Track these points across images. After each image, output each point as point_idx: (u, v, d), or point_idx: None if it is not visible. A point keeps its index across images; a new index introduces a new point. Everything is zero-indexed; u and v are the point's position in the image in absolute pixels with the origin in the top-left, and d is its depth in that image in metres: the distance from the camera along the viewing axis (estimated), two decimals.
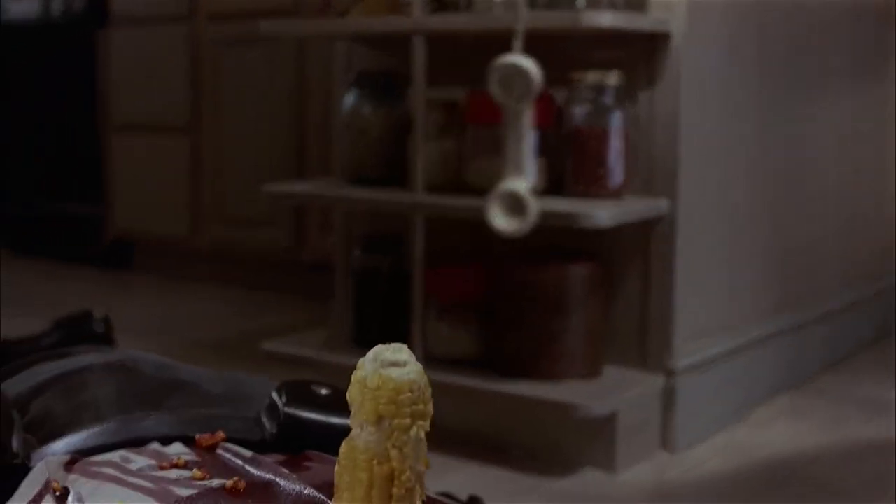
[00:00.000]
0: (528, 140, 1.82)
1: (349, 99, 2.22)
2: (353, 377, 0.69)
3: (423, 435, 0.69)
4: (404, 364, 0.69)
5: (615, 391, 1.96)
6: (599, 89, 1.97)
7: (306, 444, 1.00)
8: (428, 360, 2.07)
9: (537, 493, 1.87)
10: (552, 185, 2.01)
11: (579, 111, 1.98)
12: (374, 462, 0.68)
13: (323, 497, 0.76)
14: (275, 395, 1.10)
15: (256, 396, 1.14)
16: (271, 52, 3.29)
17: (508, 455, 2.02)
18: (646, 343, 2.04)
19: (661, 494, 1.91)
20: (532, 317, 1.98)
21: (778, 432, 2.20)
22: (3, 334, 1.52)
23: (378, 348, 0.69)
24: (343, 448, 0.70)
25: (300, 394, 1.10)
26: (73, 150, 3.96)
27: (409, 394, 0.68)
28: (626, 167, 1.98)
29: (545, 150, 1.98)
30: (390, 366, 0.69)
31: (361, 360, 0.69)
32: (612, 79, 1.96)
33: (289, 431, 1.07)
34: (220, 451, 0.97)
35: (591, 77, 1.96)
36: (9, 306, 2.77)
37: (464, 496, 1.41)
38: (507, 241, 2.00)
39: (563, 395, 1.92)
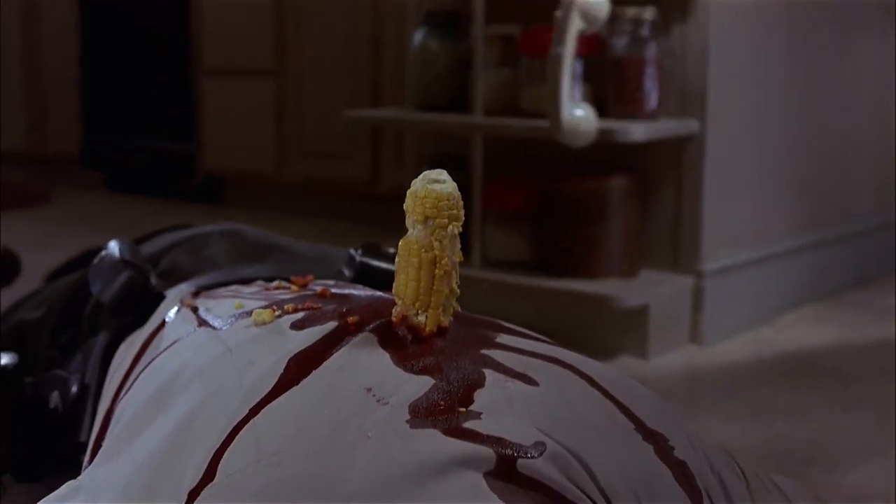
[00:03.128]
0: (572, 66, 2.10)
1: (419, 35, 2.50)
2: (407, 192, 0.98)
3: (456, 233, 0.98)
4: (444, 182, 0.98)
5: (648, 288, 2.25)
6: (637, 23, 2.23)
7: (376, 286, 1.28)
8: (485, 263, 2.36)
9: None
10: (596, 108, 2.28)
11: (619, 42, 2.25)
12: (422, 251, 0.97)
13: (390, 295, 1.04)
14: (352, 251, 1.40)
15: (339, 259, 1.45)
16: None
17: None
18: (678, 248, 2.32)
19: (689, 377, 2.19)
20: (577, 223, 2.26)
21: (801, 333, 2.45)
22: None
23: (425, 172, 0.98)
24: (400, 243, 0.99)
25: (372, 249, 1.41)
26: (167, 91, 4.27)
27: (447, 201, 0.97)
28: (660, 92, 2.25)
29: (589, 76, 2.25)
30: (434, 182, 0.97)
31: (414, 179, 0.98)
32: (649, 13, 2.23)
33: (362, 276, 1.37)
34: (310, 287, 1.26)
35: (630, 12, 2.23)
36: (107, 238, 3.08)
37: None
38: (556, 158, 2.29)
39: (602, 290, 2.20)
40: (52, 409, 1.35)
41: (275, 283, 1.27)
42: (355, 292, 1.14)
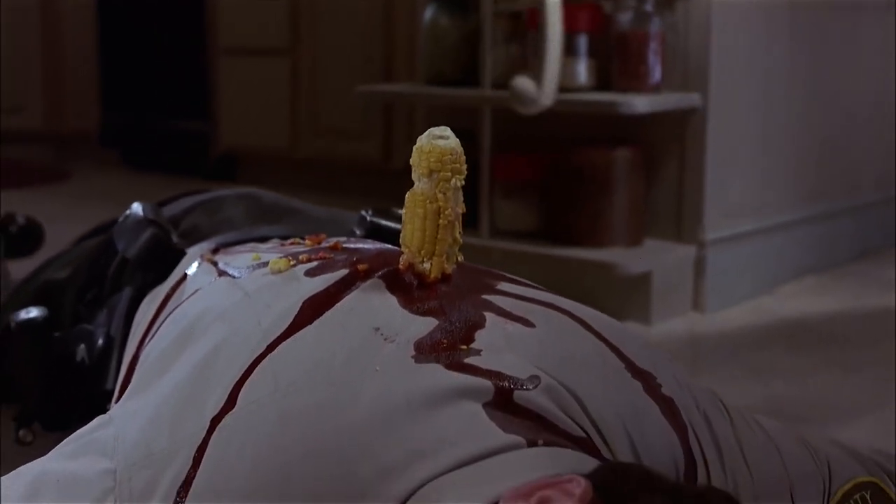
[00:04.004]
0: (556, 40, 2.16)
1: (429, 12, 2.57)
2: (414, 147, 1.05)
3: (459, 185, 1.05)
4: (448, 138, 1.04)
5: (651, 256, 2.32)
6: None
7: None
8: (494, 233, 2.43)
9: None
10: (601, 82, 2.35)
11: (624, 18, 2.32)
12: (427, 202, 1.04)
13: (397, 248, 1.11)
14: (363, 212, 1.47)
15: (350, 220, 1.52)
16: None
17: None
18: (681, 218, 2.39)
19: (691, 342, 2.26)
20: (583, 194, 2.33)
21: (802, 302, 2.52)
22: None
23: (430, 129, 1.05)
24: (407, 195, 1.06)
25: (382, 211, 1.48)
26: (183, 71, 4.35)
27: (451, 156, 1.03)
28: (663, 67, 2.32)
29: (594, 52, 2.32)
30: (438, 139, 1.04)
31: (420, 136, 1.05)
32: None
33: (372, 235, 1.44)
34: (323, 243, 1.33)
35: None
36: None
37: None
38: (563, 130, 2.35)
39: (607, 258, 2.27)
40: (79, 361, 1.42)
41: (290, 241, 1.34)
42: (365, 246, 1.21)
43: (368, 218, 1.46)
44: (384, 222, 1.45)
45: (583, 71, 2.33)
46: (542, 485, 0.82)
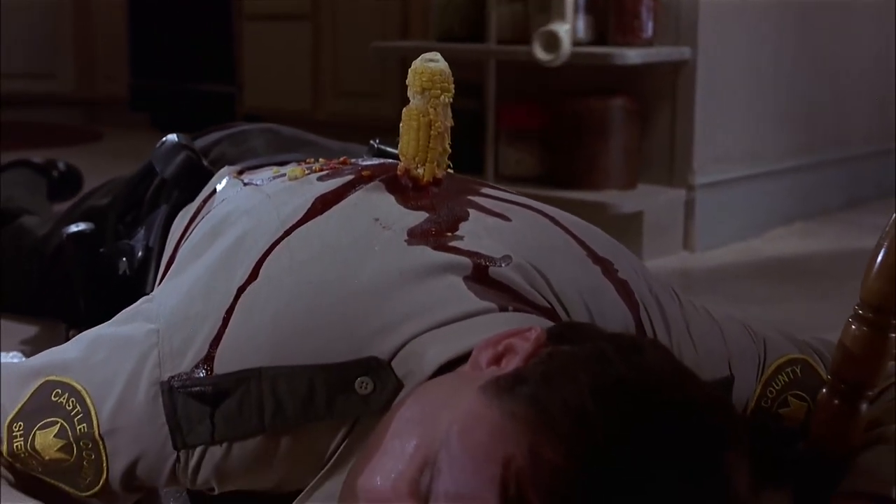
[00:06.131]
0: None
1: None
2: (409, 70, 1.23)
3: (447, 102, 1.23)
4: (438, 61, 1.23)
5: (643, 197, 2.50)
6: None
7: None
8: (499, 178, 2.62)
9: None
10: (598, 37, 2.53)
11: None
12: (420, 116, 1.23)
13: (397, 162, 1.29)
14: (372, 141, 1.65)
15: (361, 151, 1.71)
16: None
17: None
18: (672, 164, 2.57)
19: (678, 275, 2.43)
20: (581, 140, 2.52)
21: (788, 244, 2.70)
22: None
23: (423, 54, 1.23)
24: (403, 112, 1.24)
25: (390, 141, 1.66)
26: (209, 36, 4.54)
27: (440, 76, 1.22)
28: (656, 22, 2.50)
29: (592, 9, 2.50)
30: (430, 62, 1.23)
31: (414, 60, 1.23)
32: None
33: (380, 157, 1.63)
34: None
35: None
36: None
37: None
38: (563, 82, 2.54)
39: (602, 199, 2.46)
40: (122, 274, 1.62)
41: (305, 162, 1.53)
42: (370, 161, 1.40)
43: (376, 145, 1.65)
44: (390, 149, 1.64)
45: (582, 27, 2.51)
46: (508, 334, 1.01)
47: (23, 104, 4.86)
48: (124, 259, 1.62)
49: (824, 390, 1.17)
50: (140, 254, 1.60)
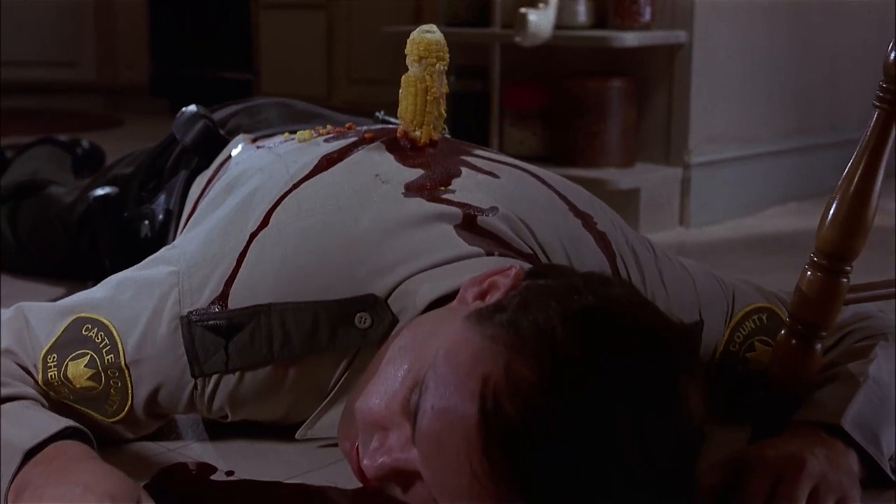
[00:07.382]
0: None
1: None
2: (407, 40, 1.35)
3: (443, 69, 1.35)
4: (434, 32, 1.35)
5: (640, 175, 2.61)
6: None
7: None
8: None
9: None
10: (598, 21, 2.65)
11: None
12: (417, 83, 1.34)
13: (396, 126, 1.41)
14: (377, 113, 1.77)
15: (367, 123, 1.82)
16: None
17: None
18: (669, 143, 2.68)
19: (678, 249, 2.54)
20: (581, 120, 2.63)
21: (780, 222, 2.80)
22: None
23: (421, 26, 1.35)
24: (402, 79, 1.36)
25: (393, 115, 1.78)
26: (227, 24, 4.67)
27: (436, 46, 1.33)
28: (653, 6, 2.61)
29: None
30: (426, 32, 1.34)
31: (412, 32, 1.35)
32: None
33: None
34: None
35: None
36: None
37: None
38: (564, 64, 2.65)
39: (601, 176, 2.57)
40: (143, 236, 1.74)
41: None
42: (373, 126, 1.53)
43: (381, 117, 1.77)
44: (393, 120, 1.76)
45: (582, 10, 2.62)
46: (492, 273, 1.12)
47: (46, 92, 5.00)
48: (146, 222, 1.74)
49: (783, 331, 1.28)
50: (161, 217, 1.72)
